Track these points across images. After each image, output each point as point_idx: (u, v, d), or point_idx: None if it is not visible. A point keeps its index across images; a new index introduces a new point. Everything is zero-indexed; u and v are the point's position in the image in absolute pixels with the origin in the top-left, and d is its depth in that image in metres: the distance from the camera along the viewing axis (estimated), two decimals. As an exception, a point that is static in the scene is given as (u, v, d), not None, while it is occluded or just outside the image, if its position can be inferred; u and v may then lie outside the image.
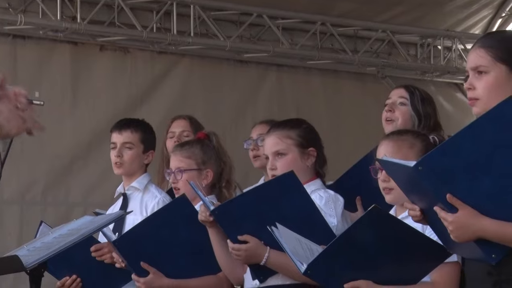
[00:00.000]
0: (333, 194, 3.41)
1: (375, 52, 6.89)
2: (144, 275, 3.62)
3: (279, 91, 6.66)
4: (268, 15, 6.40)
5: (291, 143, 3.43)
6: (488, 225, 2.43)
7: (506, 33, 3.01)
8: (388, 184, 3.05)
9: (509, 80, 2.63)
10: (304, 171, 3.42)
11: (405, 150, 3.07)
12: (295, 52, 6.53)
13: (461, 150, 2.40)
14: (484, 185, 2.42)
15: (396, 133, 3.25)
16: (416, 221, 2.62)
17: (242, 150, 5.93)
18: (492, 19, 7.07)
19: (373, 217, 2.74)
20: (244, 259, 3.28)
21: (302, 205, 3.21)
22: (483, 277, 2.52)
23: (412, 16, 6.82)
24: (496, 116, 2.39)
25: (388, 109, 3.88)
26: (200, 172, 3.79)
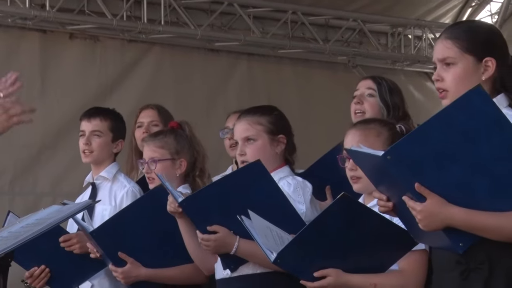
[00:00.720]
0: (301, 180, 3.41)
1: (346, 41, 6.90)
2: (122, 265, 3.63)
3: (250, 80, 6.65)
4: (239, 4, 6.38)
5: (261, 129, 3.43)
6: (456, 213, 2.44)
7: (472, 23, 3.01)
8: (356, 173, 3.06)
9: (477, 71, 2.64)
10: (273, 158, 3.42)
11: (372, 139, 3.07)
12: (266, 41, 6.53)
13: (429, 139, 2.41)
14: (452, 174, 2.42)
15: (363, 122, 3.25)
16: (383, 212, 2.62)
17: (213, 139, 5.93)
18: (462, 8, 7.11)
19: (342, 205, 2.74)
20: (213, 249, 3.28)
21: (270, 193, 3.20)
22: (451, 266, 2.53)
23: (383, 6, 6.84)
24: (463, 104, 2.40)
25: (356, 101, 3.88)
26: (173, 162, 3.78)
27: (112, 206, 4.05)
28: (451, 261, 2.53)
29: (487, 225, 2.44)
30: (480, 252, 2.49)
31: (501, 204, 2.43)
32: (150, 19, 6.07)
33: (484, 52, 2.64)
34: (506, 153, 2.39)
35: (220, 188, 3.26)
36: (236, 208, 3.10)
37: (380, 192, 2.60)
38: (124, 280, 3.66)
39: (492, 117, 2.39)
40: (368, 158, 2.57)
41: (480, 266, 2.48)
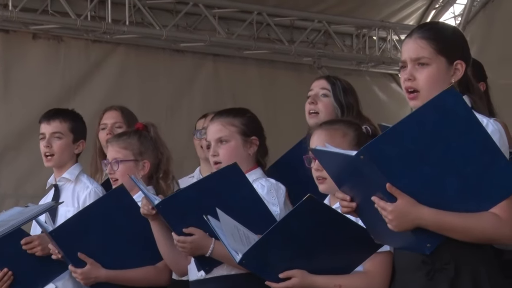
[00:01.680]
0: (274, 182, 3.42)
1: (311, 42, 6.91)
2: (81, 266, 3.60)
3: (215, 80, 6.63)
4: (204, 4, 6.36)
5: (234, 131, 3.44)
6: (426, 214, 2.45)
7: (442, 25, 3.04)
8: (322, 174, 3.06)
9: (448, 73, 2.66)
10: (246, 160, 3.44)
11: (338, 139, 3.08)
12: (231, 41, 6.51)
13: (402, 139, 2.42)
14: (423, 174, 2.44)
15: (329, 122, 3.26)
16: (345, 212, 2.62)
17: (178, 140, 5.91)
18: (426, 10, 7.15)
19: (308, 207, 2.74)
20: (189, 251, 3.27)
21: (246, 196, 3.21)
22: (416, 266, 2.54)
23: (348, 7, 6.86)
24: (437, 105, 2.41)
25: (310, 101, 3.87)
26: (137, 163, 3.77)
27: (75, 207, 4.03)
28: (416, 262, 2.55)
29: (456, 226, 2.46)
30: (445, 252, 2.51)
31: (470, 205, 2.46)
32: (114, 20, 6.02)
33: (455, 55, 2.66)
34: (476, 153, 2.42)
35: (196, 190, 3.26)
36: (212, 210, 3.09)
37: (343, 192, 2.60)
38: (83, 281, 3.63)
39: (463, 118, 2.42)
40: (336, 158, 2.57)
41: (445, 266, 2.50)
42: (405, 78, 2.68)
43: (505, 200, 2.45)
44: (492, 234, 2.46)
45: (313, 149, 2.76)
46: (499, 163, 2.42)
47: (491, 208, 2.45)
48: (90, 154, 4.53)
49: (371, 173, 2.44)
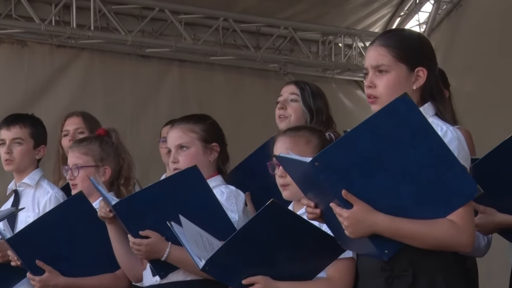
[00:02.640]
0: (234, 189, 3.41)
1: (277, 48, 6.92)
2: (40, 273, 3.57)
3: (181, 86, 6.61)
4: (170, 10, 6.35)
5: (194, 137, 3.43)
6: (381, 220, 2.46)
7: (406, 32, 3.05)
8: (285, 180, 3.06)
9: (409, 80, 2.66)
10: (207, 166, 3.42)
11: (302, 146, 3.08)
12: (197, 47, 6.50)
13: (356, 146, 2.42)
14: (378, 181, 2.44)
15: (293, 129, 3.25)
16: (311, 219, 2.63)
17: (144, 146, 5.89)
18: (391, 17, 7.20)
19: (271, 212, 2.74)
20: (144, 254, 3.25)
21: (205, 200, 3.19)
22: (376, 273, 2.55)
23: (314, 14, 6.88)
24: (390, 112, 2.42)
25: (280, 106, 3.90)
26: (97, 169, 3.75)
27: (35, 213, 4.00)
28: (376, 268, 2.56)
29: (411, 233, 2.47)
30: (404, 259, 2.52)
31: (426, 212, 2.47)
32: (79, 24, 5.99)
33: (417, 62, 2.66)
34: (431, 160, 2.42)
35: (154, 192, 3.23)
36: (170, 214, 3.08)
37: (308, 199, 2.61)
38: None
39: (417, 125, 2.42)
40: (296, 165, 2.58)
41: (404, 273, 2.51)
42: (366, 85, 2.71)
43: (461, 207, 2.46)
44: (448, 241, 2.47)
45: (277, 156, 2.76)
46: (455, 170, 2.43)
47: (448, 215, 2.46)
48: (53, 161, 4.50)
49: (327, 180, 2.45)
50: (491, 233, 3.05)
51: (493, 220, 2.92)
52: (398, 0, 7.09)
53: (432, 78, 2.68)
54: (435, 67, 2.72)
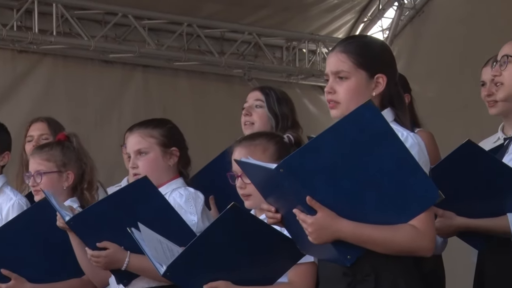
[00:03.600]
0: (193, 191, 3.40)
1: (241, 54, 6.93)
2: (6, 281, 3.54)
3: (145, 92, 6.59)
4: (134, 15, 6.32)
5: (153, 142, 3.41)
6: (345, 226, 2.47)
7: (366, 38, 3.07)
8: (245, 191, 3.06)
9: (368, 87, 2.67)
10: (166, 171, 3.41)
11: (259, 155, 3.07)
12: (161, 53, 6.49)
13: (321, 153, 2.43)
14: (342, 187, 2.45)
15: (249, 138, 3.24)
16: (271, 223, 2.63)
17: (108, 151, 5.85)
18: (354, 23, 7.24)
19: (232, 215, 2.73)
20: (103, 266, 3.25)
21: (159, 208, 3.18)
22: (338, 278, 2.56)
23: (278, 19, 6.90)
24: (354, 119, 2.43)
25: (245, 112, 3.90)
26: (60, 175, 3.72)
27: (-3, 219, 3.95)
28: (338, 273, 2.56)
29: (374, 238, 2.48)
30: (366, 264, 2.52)
31: (389, 218, 2.48)
32: (41, 30, 5.95)
33: (376, 68, 2.67)
34: (394, 167, 2.43)
35: (107, 205, 3.23)
36: (126, 224, 3.07)
37: (269, 203, 2.61)
38: None
39: (381, 131, 2.43)
40: (258, 170, 2.57)
41: (366, 278, 2.52)
42: (326, 91, 2.72)
43: (423, 212, 2.47)
44: (410, 246, 2.49)
45: (238, 161, 2.76)
46: (417, 176, 2.44)
47: (410, 220, 2.48)
48: (16, 167, 4.45)
49: (291, 186, 2.45)
50: (450, 236, 3.08)
51: (452, 223, 2.95)
52: (361, 6, 7.14)
53: (391, 85, 2.70)
54: (395, 74, 2.74)
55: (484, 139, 3.94)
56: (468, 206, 2.92)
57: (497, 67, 3.05)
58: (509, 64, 3.02)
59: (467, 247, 3.17)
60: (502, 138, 3.48)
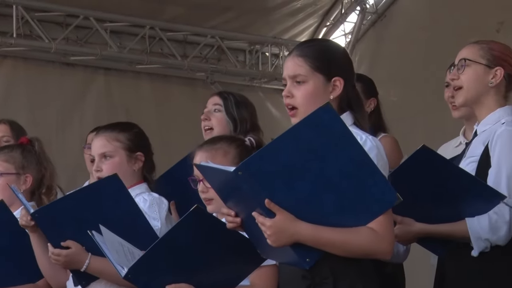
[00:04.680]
0: (157, 197, 3.40)
1: (204, 57, 6.92)
2: None
3: (107, 95, 6.55)
4: (96, 18, 6.28)
5: (119, 146, 3.41)
6: (304, 229, 2.46)
7: (323, 42, 3.08)
8: (207, 195, 3.06)
9: (326, 90, 2.68)
10: (131, 175, 3.41)
11: (220, 159, 3.08)
12: (123, 55, 6.45)
13: (279, 155, 2.42)
14: (301, 190, 2.44)
15: (210, 142, 3.24)
16: (231, 228, 2.62)
17: (69, 154, 5.80)
18: (317, 27, 7.26)
19: (195, 218, 2.72)
20: (63, 265, 3.23)
21: (126, 209, 3.17)
22: (297, 281, 2.56)
23: (241, 23, 6.90)
24: (313, 121, 2.42)
25: (204, 117, 3.91)
26: (18, 177, 3.71)
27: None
28: (297, 276, 2.56)
29: (333, 241, 2.48)
30: (325, 267, 2.52)
31: (348, 220, 2.48)
32: (1, 32, 5.90)
33: (333, 72, 2.68)
34: (352, 169, 2.43)
35: (74, 200, 3.20)
36: (91, 222, 3.05)
37: (229, 207, 2.60)
38: None
39: (339, 134, 2.43)
40: (218, 174, 2.56)
41: (325, 281, 2.52)
42: (284, 95, 2.72)
43: (381, 215, 2.48)
44: (369, 249, 2.49)
45: (197, 165, 2.75)
46: (375, 178, 2.45)
47: (369, 223, 2.48)
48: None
49: (250, 189, 2.44)
50: (410, 243, 3.09)
51: (411, 230, 2.95)
52: (324, 11, 7.16)
53: (349, 88, 2.71)
54: (352, 77, 2.75)
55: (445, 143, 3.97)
56: (427, 211, 2.92)
57: (454, 71, 3.07)
58: (467, 68, 3.03)
59: (427, 250, 3.18)
60: (464, 143, 3.50)
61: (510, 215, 2.86)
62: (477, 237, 2.88)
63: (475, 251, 2.90)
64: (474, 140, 3.04)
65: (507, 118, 2.99)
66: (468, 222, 2.89)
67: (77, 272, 3.24)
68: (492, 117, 3.01)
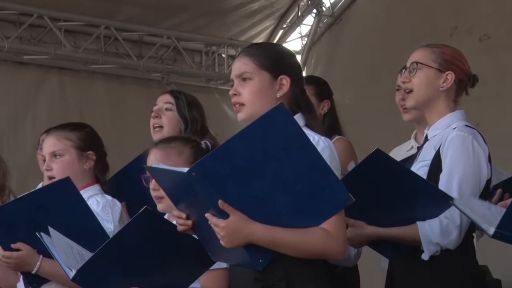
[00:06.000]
0: (110, 199, 3.39)
1: (160, 58, 6.88)
2: None
3: (61, 95, 6.49)
4: (50, 17, 6.22)
5: (69, 145, 3.41)
6: (257, 230, 2.46)
7: (269, 43, 3.12)
8: (159, 193, 3.04)
9: (272, 88, 2.70)
10: (82, 175, 3.40)
11: (174, 158, 3.07)
12: (77, 55, 6.40)
13: (233, 156, 2.41)
14: (254, 191, 2.44)
15: (165, 140, 3.23)
16: (182, 230, 2.60)
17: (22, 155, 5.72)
18: (273, 30, 7.27)
19: (144, 220, 2.70)
20: (14, 267, 3.21)
21: (78, 211, 3.15)
22: (250, 283, 2.55)
23: (198, 24, 6.88)
24: (266, 122, 2.42)
25: (154, 115, 3.87)
26: (-29, 176, 3.64)
27: None
28: (249, 278, 2.55)
29: (286, 242, 2.47)
30: (278, 268, 2.52)
31: (301, 221, 2.48)
32: (-49, 30, 5.81)
33: (279, 70, 2.71)
34: (305, 170, 2.44)
35: (25, 203, 3.16)
36: (42, 225, 3.03)
37: (180, 210, 2.58)
38: None
39: (293, 134, 2.43)
40: (170, 175, 2.54)
41: (278, 283, 2.52)
42: (231, 93, 2.75)
43: (334, 215, 2.48)
44: (321, 250, 2.49)
45: (148, 167, 2.74)
46: (328, 179, 2.45)
47: (321, 223, 2.48)
48: None
49: (204, 190, 2.42)
50: (361, 246, 3.09)
51: (363, 233, 2.96)
52: (280, 13, 7.18)
53: (297, 89, 2.74)
54: (300, 78, 2.78)
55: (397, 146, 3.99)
56: (379, 215, 2.93)
57: (406, 73, 3.09)
58: (419, 71, 3.05)
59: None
60: (416, 147, 3.52)
61: (461, 219, 2.88)
62: (428, 241, 2.89)
63: (425, 254, 2.90)
64: (425, 144, 3.06)
65: (458, 123, 3.01)
66: (419, 226, 2.90)
67: (28, 275, 3.21)
68: (442, 122, 3.03)
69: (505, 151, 5.31)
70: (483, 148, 2.96)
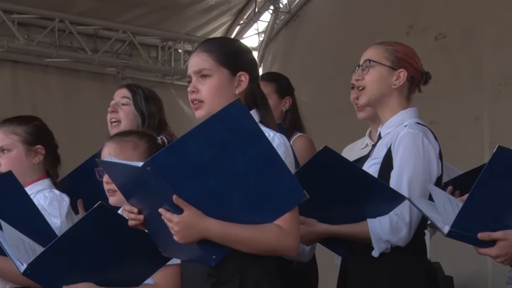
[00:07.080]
0: (58, 194, 3.35)
1: (115, 52, 6.82)
2: None
3: (14, 88, 6.40)
4: (3, 9, 6.13)
5: (16, 139, 3.37)
6: (212, 225, 2.44)
7: (227, 38, 3.09)
8: (111, 186, 3.01)
9: (231, 84, 2.69)
10: (31, 169, 3.37)
11: (129, 152, 3.04)
12: (31, 48, 6.31)
13: (188, 151, 2.39)
14: (209, 186, 2.42)
15: (120, 134, 3.21)
16: (133, 225, 2.58)
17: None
18: (231, 25, 7.26)
19: (99, 215, 2.67)
20: None
21: (22, 206, 3.10)
22: (203, 279, 2.54)
23: (154, 19, 6.84)
24: (223, 117, 2.41)
25: (111, 110, 3.85)
26: None
27: None
28: (202, 274, 2.54)
29: (240, 238, 2.46)
30: (231, 264, 2.51)
31: (255, 217, 2.46)
32: None
33: (238, 66, 2.69)
34: (261, 166, 2.42)
35: None
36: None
37: (132, 204, 2.55)
38: None
39: (249, 130, 2.42)
40: (122, 169, 2.51)
41: (231, 279, 2.51)
42: (189, 90, 2.72)
43: (288, 212, 2.47)
44: (275, 246, 2.48)
45: (101, 161, 2.70)
46: (283, 176, 2.44)
47: (275, 220, 2.47)
48: None
49: (158, 185, 2.40)
50: (312, 243, 3.09)
51: (314, 230, 2.95)
52: (237, 9, 7.16)
53: (254, 86, 2.73)
54: (256, 74, 2.77)
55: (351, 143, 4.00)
56: (330, 212, 2.93)
57: (359, 71, 3.09)
58: (371, 69, 3.05)
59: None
60: (371, 145, 3.53)
61: (410, 216, 2.89)
62: (377, 238, 2.89)
63: (375, 252, 2.91)
64: (378, 142, 3.07)
65: (410, 120, 3.02)
66: (370, 223, 2.90)
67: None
68: (395, 119, 3.04)
69: (458, 149, 5.37)
70: (434, 146, 2.98)
